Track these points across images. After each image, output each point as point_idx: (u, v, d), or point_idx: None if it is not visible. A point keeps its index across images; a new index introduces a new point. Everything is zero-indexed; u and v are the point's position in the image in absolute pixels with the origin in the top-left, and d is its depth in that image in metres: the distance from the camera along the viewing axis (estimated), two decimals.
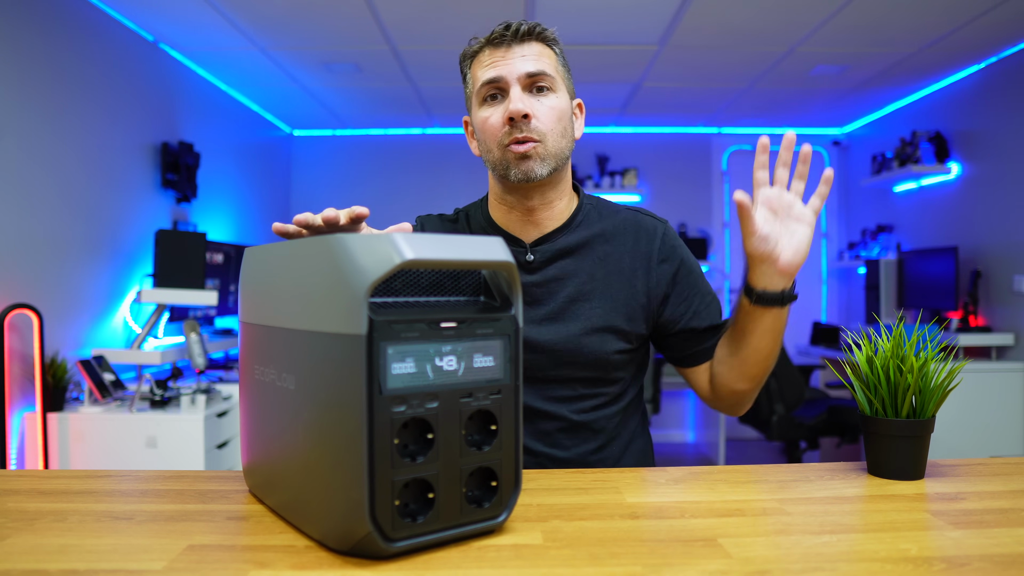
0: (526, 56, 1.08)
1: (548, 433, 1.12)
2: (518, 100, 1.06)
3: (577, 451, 1.12)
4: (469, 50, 1.14)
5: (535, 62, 1.08)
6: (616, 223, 1.17)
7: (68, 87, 2.78)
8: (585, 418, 1.12)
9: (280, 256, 0.74)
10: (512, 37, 1.08)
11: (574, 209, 1.17)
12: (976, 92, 3.83)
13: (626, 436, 1.17)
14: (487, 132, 1.10)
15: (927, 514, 0.76)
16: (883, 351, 0.92)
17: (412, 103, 4.58)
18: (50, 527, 0.70)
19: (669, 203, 5.28)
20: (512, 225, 1.15)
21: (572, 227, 1.15)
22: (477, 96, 1.11)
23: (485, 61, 1.10)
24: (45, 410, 2.50)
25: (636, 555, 0.64)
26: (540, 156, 1.07)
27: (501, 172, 1.09)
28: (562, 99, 1.10)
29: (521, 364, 0.70)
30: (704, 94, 4.42)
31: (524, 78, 1.07)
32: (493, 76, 1.08)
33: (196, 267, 2.95)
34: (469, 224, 1.20)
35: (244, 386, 0.81)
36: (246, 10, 3.05)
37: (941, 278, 3.81)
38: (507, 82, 1.07)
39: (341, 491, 0.61)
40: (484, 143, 1.11)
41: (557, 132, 1.09)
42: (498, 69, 1.08)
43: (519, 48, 1.08)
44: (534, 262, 1.13)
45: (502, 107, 1.08)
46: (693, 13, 3.09)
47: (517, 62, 1.07)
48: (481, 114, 1.11)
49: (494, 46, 1.09)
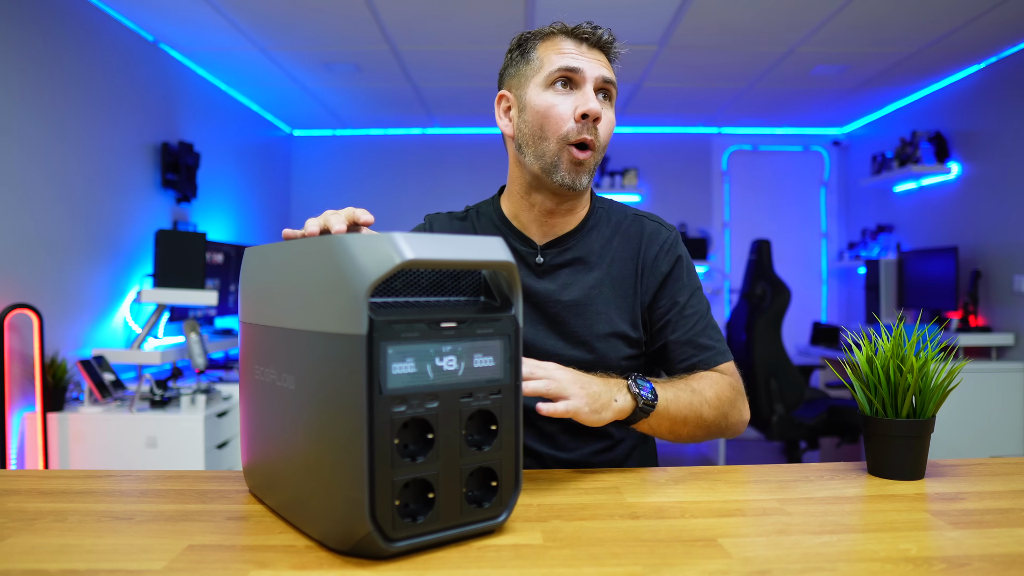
0: (600, 62, 1.07)
1: (551, 435, 1.11)
2: (594, 100, 1.04)
3: (581, 452, 1.12)
4: (542, 30, 1.10)
5: (609, 71, 1.08)
6: (625, 228, 1.15)
7: (68, 87, 2.77)
8: None
9: (280, 256, 0.74)
10: (596, 40, 1.08)
11: (586, 213, 1.16)
12: (976, 92, 3.83)
13: (630, 441, 1.17)
14: (551, 119, 1.04)
15: (927, 514, 0.76)
16: (883, 351, 0.92)
17: (412, 103, 4.58)
18: (50, 527, 0.70)
19: (669, 203, 5.28)
20: (528, 224, 1.13)
21: (584, 231, 1.14)
22: (545, 78, 1.06)
23: (564, 48, 1.07)
24: (45, 410, 2.50)
25: (636, 555, 0.64)
26: (590, 168, 1.06)
27: (548, 166, 1.05)
28: (614, 115, 1.11)
29: (521, 364, 0.70)
30: (704, 94, 4.42)
31: (600, 81, 1.06)
32: (575, 65, 1.05)
33: (196, 267, 2.95)
34: (479, 221, 1.18)
35: (244, 386, 0.81)
36: (246, 10, 3.05)
37: (941, 278, 3.81)
38: (585, 77, 1.05)
39: (341, 491, 0.60)
40: (541, 130, 1.05)
41: (606, 145, 1.09)
42: (580, 61, 1.05)
43: (596, 53, 1.08)
44: (544, 264, 1.12)
45: (572, 99, 1.05)
46: (693, 13, 3.09)
47: (596, 64, 1.06)
48: (546, 97, 1.05)
49: (576, 40, 1.07)
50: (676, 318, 1.11)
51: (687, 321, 1.11)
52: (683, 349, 1.10)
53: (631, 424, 0.97)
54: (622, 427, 1.03)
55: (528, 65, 1.09)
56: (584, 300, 1.11)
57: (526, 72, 1.09)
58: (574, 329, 1.10)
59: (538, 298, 1.11)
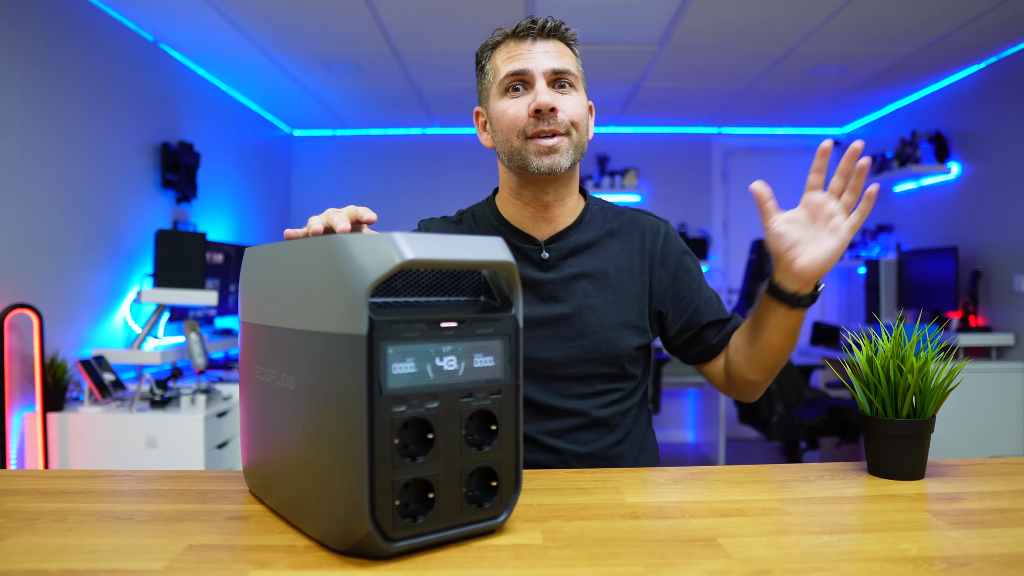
0: (549, 52, 1.08)
1: (568, 430, 1.12)
2: (544, 93, 1.05)
3: (596, 446, 1.13)
4: (490, 41, 1.13)
5: (559, 60, 1.08)
6: (622, 223, 1.18)
7: (68, 87, 2.77)
8: (603, 413, 1.13)
9: (280, 256, 0.74)
10: (538, 32, 1.08)
11: (582, 208, 1.18)
12: (976, 92, 3.83)
13: (639, 431, 1.19)
14: (507, 122, 1.08)
15: (927, 514, 0.76)
16: (883, 351, 0.92)
17: (412, 103, 4.58)
18: (50, 527, 0.70)
19: (669, 203, 5.28)
20: (525, 222, 1.15)
21: (582, 225, 1.16)
22: (498, 87, 1.10)
23: (508, 53, 1.09)
24: (45, 410, 2.50)
25: (636, 555, 0.64)
26: (564, 149, 1.07)
27: (519, 163, 1.08)
28: (582, 97, 1.11)
29: (521, 364, 0.70)
30: (704, 94, 4.42)
31: (549, 73, 1.07)
32: (519, 68, 1.07)
33: (196, 267, 2.95)
34: (476, 224, 1.20)
35: (244, 386, 0.81)
36: (246, 10, 3.04)
37: (941, 278, 3.81)
38: (532, 75, 1.07)
39: (341, 491, 0.60)
40: (502, 133, 1.10)
41: (582, 125, 1.10)
42: (523, 62, 1.07)
43: (543, 44, 1.09)
44: (549, 259, 1.13)
45: (525, 99, 1.07)
46: (693, 13, 3.09)
47: (542, 57, 1.07)
48: (501, 104, 1.09)
49: (518, 39, 1.09)
50: (702, 304, 1.17)
51: (709, 304, 1.18)
52: (715, 328, 1.18)
53: (789, 304, 1.01)
54: (778, 299, 1.02)
55: (486, 78, 1.14)
56: (592, 292, 1.13)
57: (486, 85, 1.13)
58: (584, 320, 1.11)
59: (547, 292, 1.12)
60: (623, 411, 1.15)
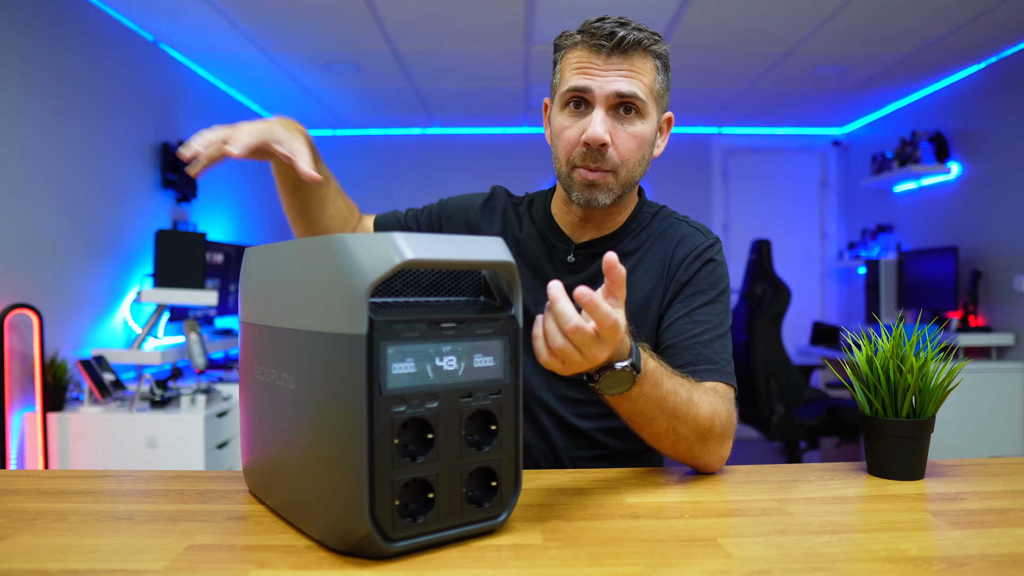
0: (622, 71, 0.99)
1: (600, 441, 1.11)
2: (599, 124, 0.98)
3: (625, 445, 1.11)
4: (566, 39, 1.04)
5: (629, 82, 0.99)
6: (662, 232, 1.12)
7: (68, 87, 2.77)
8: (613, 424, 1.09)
9: (280, 256, 0.74)
10: (612, 48, 0.98)
11: (628, 215, 1.13)
12: (976, 92, 3.83)
13: None
14: (561, 141, 1.03)
15: (927, 514, 0.76)
16: (883, 351, 0.92)
17: (412, 103, 4.58)
18: (50, 527, 0.70)
19: (669, 203, 5.16)
20: (568, 225, 1.13)
21: (623, 234, 1.12)
22: (561, 97, 1.03)
23: (579, 62, 1.01)
24: (45, 410, 2.50)
25: (636, 555, 0.64)
26: (608, 187, 1.02)
27: (565, 186, 1.05)
28: (648, 124, 1.03)
29: (521, 364, 0.70)
30: (704, 94, 4.42)
31: (613, 96, 0.99)
32: (582, 86, 0.99)
33: (196, 267, 2.95)
34: (527, 210, 1.18)
35: (244, 386, 0.81)
36: (246, 10, 3.04)
37: (941, 278, 3.81)
38: (594, 97, 0.99)
39: (341, 491, 0.60)
40: (555, 149, 1.06)
41: (634, 161, 1.03)
42: (589, 79, 0.99)
43: (618, 60, 0.99)
44: (576, 262, 1.11)
45: (582, 123, 1.01)
46: (693, 13, 3.09)
47: (611, 78, 0.99)
48: (559, 119, 1.04)
49: (593, 51, 1.00)
50: (686, 321, 1.03)
51: (697, 326, 1.02)
52: (683, 354, 1.00)
53: (603, 392, 0.80)
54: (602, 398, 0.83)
55: (555, 77, 1.08)
56: None
57: (554, 84, 1.08)
58: None
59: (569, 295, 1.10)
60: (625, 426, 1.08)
